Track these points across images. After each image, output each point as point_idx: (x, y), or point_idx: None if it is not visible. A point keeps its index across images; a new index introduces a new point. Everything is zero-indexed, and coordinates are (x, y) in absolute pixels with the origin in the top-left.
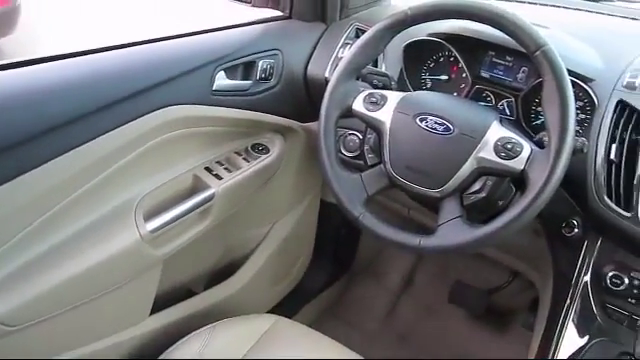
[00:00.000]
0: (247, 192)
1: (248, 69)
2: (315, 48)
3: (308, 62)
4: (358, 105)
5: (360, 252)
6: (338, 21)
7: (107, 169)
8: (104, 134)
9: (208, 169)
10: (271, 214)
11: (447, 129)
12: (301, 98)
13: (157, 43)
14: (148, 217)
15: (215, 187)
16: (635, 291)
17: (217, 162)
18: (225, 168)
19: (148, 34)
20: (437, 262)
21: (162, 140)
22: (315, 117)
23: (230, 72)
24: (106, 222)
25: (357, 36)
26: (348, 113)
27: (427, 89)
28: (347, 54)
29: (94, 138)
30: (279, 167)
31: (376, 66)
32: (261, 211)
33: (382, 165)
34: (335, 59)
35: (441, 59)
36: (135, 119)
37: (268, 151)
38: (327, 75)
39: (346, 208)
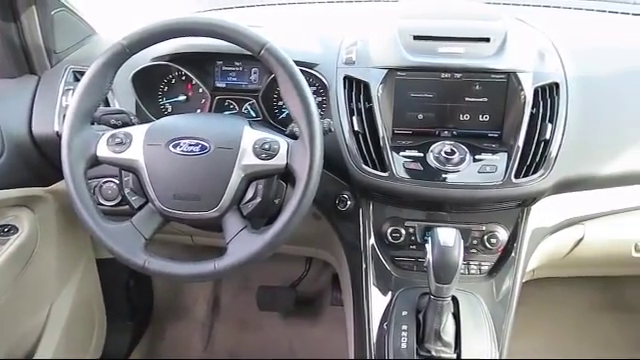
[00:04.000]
0: (4, 282)
1: None
2: (33, 103)
3: (30, 120)
4: (103, 150)
5: (157, 297)
6: (50, 69)
7: None
8: None
9: None
10: (43, 297)
11: (203, 148)
12: (35, 161)
13: None
14: None
15: None
16: (412, 238)
17: None
18: None
19: None
20: (237, 276)
21: None
22: (60, 177)
23: None
24: None
25: (77, 80)
26: (95, 162)
27: (169, 114)
28: (72, 101)
29: None
30: (36, 243)
31: (109, 105)
32: (30, 298)
33: (150, 204)
34: (61, 109)
35: (173, 81)
36: None
37: (17, 230)
38: (57, 129)
39: (127, 259)
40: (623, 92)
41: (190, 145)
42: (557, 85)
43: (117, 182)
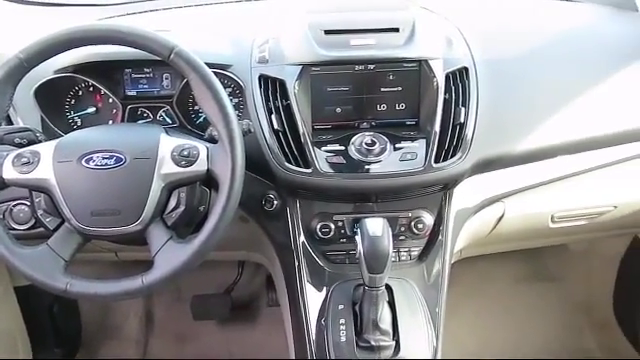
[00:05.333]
0: None
1: None
2: None
3: None
4: (8, 172)
5: (85, 319)
6: None
7: None
8: None
9: None
10: None
11: (118, 160)
12: None
13: None
14: None
15: None
16: (342, 231)
17: None
18: None
19: None
20: (168, 288)
21: None
22: None
23: None
24: None
25: None
26: (1, 185)
27: (79, 128)
28: None
29: None
30: None
31: (11, 123)
32: None
33: (66, 224)
34: None
35: (80, 93)
36: None
37: None
38: None
39: (47, 284)
40: (530, 72)
41: (104, 158)
42: (467, 69)
43: (29, 204)
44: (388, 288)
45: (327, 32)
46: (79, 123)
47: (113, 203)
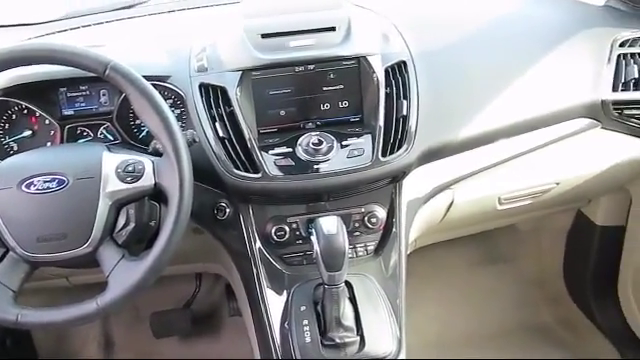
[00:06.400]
0: None
1: None
2: None
3: None
4: None
5: (40, 348)
6: None
7: None
8: None
9: None
10: None
11: (61, 182)
12: None
13: None
14: None
15: None
16: (297, 233)
17: None
18: None
19: None
20: (126, 308)
21: None
22: None
23: None
24: None
25: None
26: None
27: (16, 153)
28: None
29: None
30: None
31: None
32: None
33: (11, 252)
34: None
35: (14, 116)
36: None
37: None
38: None
39: None
40: (464, 59)
41: (45, 182)
42: (405, 63)
43: None
44: (348, 284)
45: (264, 36)
46: (15, 148)
47: (59, 227)
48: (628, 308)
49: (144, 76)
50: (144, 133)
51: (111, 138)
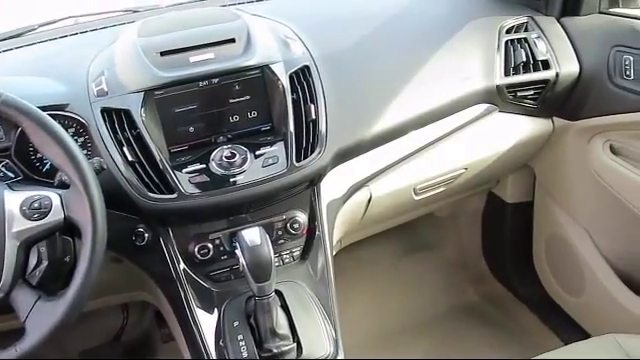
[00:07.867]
0: None
1: None
2: None
3: None
4: None
5: None
6: None
7: None
8: None
9: None
10: None
11: None
12: None
13: None
14: None
15: None
16: (221, 248)
17: None
18: None
19: None
20: (50, 349)
21: None
22: None
23: None
24: None
25: None
26: None
27: None
28: None
29: None
30: None
31: None
32: None
33: None
34: None
35: None
36: None
37: None
38: None
39: None
40: (361, 58)
41: None
42: (308, 67)
43: None
44: (278, 293)
45: (163, 53)
46: None
47: None
48: (545, 278)
49: (40, 107)
50: (47, 166)
51: (12, 175)
